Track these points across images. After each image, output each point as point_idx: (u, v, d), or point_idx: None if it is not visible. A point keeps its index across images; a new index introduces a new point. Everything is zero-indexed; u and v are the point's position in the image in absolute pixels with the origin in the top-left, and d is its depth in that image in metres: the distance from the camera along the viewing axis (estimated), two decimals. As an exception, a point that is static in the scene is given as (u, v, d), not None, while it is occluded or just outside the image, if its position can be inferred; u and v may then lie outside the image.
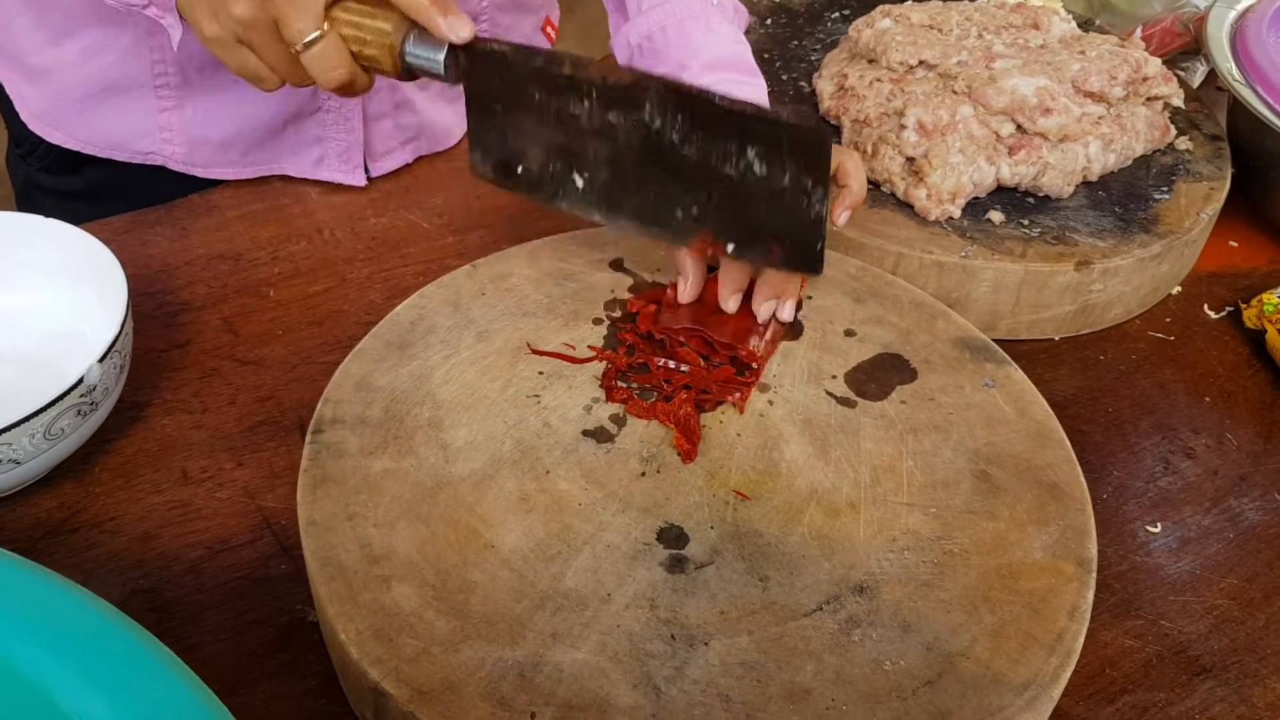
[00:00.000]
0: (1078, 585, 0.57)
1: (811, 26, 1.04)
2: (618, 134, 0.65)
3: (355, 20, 0.65)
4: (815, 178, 0.62)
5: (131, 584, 0.63)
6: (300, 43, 0.64)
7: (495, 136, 0.69)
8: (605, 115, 0.65)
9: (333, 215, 0.88)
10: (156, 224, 0.86)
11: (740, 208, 0.64)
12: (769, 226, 0.64)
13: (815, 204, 0.62)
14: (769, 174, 0.62)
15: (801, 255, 0.64)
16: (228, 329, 0.78)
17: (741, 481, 0.63)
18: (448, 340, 0.70)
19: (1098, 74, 0.85)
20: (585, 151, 0.67)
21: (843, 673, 0.54)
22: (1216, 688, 0.62)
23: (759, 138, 0.62)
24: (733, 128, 0.62)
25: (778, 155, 0.62)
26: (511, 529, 0.60)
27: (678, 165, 0.64)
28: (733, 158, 0.63)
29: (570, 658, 0.54)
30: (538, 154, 0.68)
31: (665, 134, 0.64)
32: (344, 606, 0.55)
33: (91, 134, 0.90)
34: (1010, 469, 0.64)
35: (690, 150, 0.64)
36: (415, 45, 0.66)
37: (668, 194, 0.66)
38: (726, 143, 0.63)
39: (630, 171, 0.66)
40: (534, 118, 0.67)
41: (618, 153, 0.66)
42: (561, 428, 0.65)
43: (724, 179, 0.64)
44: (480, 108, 0.69)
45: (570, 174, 0.68)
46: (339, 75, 0.66)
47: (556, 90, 0.65)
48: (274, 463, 0.70)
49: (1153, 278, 0.84)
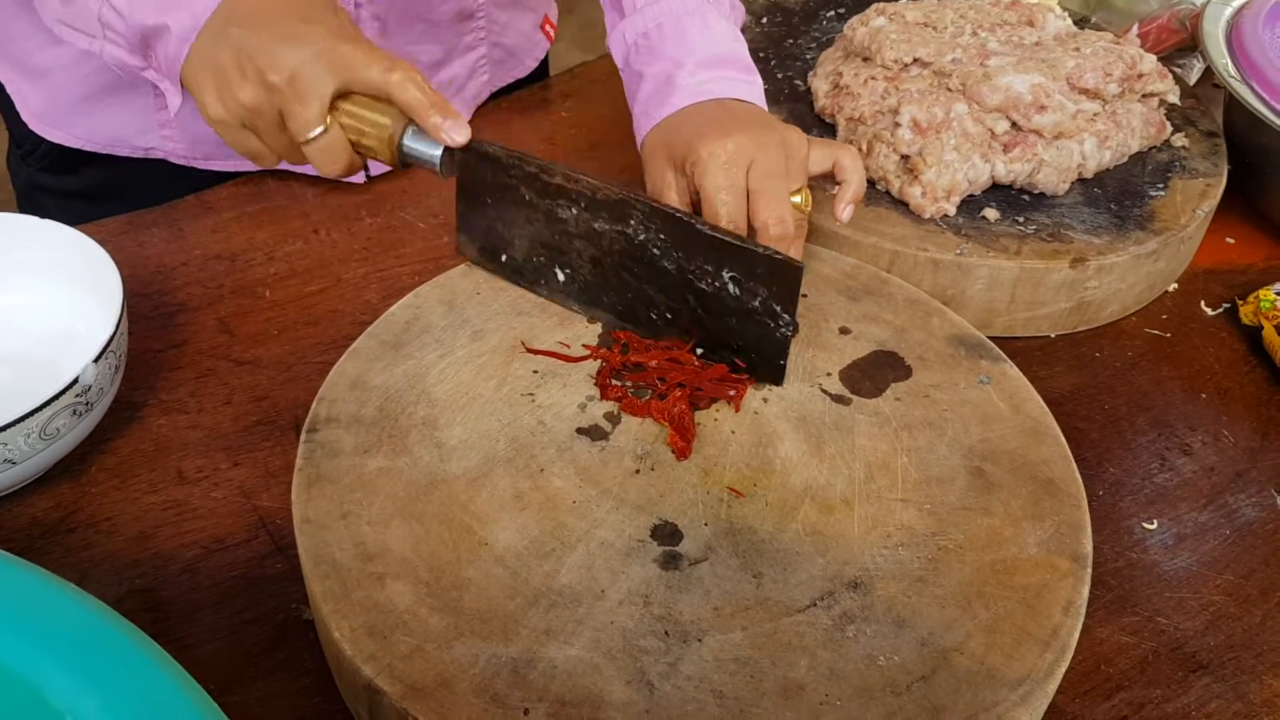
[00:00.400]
0: (1073, 581, 0.57)
1: (806, 25, 1.04)
2: (602, 240, 0.69)
3: (356, 112, 0.68)
4: (785, 304, 0.65)
5: (127, 583, 0.63)
6: (304, 136, 0.67)
7: (483, 224, 0.73)
8: (592, 223, 0.69)
9: (329, 216, 0.88)
10: (153, 225, 0.86)
11: (711, 319, 0.68)
12: (737, 338, 0.68)
13: (783, 327, 0.66)
14: (741, 295, 0.66)
15: (766, 366, 0.68)
16: (223, 329, 0.78)
17: (736, 478, 0.63)
18: (442, 339, 0.70)
19: (1093, 71, 0.85)
20: (569, 250, 0.70)
21: (836, 668, 0.54)
22: (1213, 684, 0.62)
23: (736, 262, 0.66)
24: (712, 250, 0.66)
25: (751, 280, 0.66)
26: (505, 527, 0.60)
27: (657, 273, 0.68)
28: (709, 276, 0.67)
29: (564, 654, 0.54)
30: (523, 246, 0.72)
31: (648, 246, 0.68)
32: (338, 604, 0.55)
33: (92, 132, 0.91)
34: (1005, 465, 0.64)
35: (669, 264, 0.68)
36: (413, 140, 0.69)
37: (644, 297, 0.70)
38: (705, 262, 0.67)
39: (610, 273, 0.70)
40: (522, 214, 0.71)
41: (600, 255, 0.70)
42: (556, 426, 0.65)
43: (699, 292, 0.68)
44: (470, 197, 0.72)
45: (553, 268, 0.72)
46: (338, 166, 0.69)
47: (547, 195, 0.69)
48: (270, 462, 0.70)
49: (1148, 275, 0.84)
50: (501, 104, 1.03)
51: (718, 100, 0.77)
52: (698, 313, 0.68)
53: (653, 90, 0.79)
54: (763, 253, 0.65)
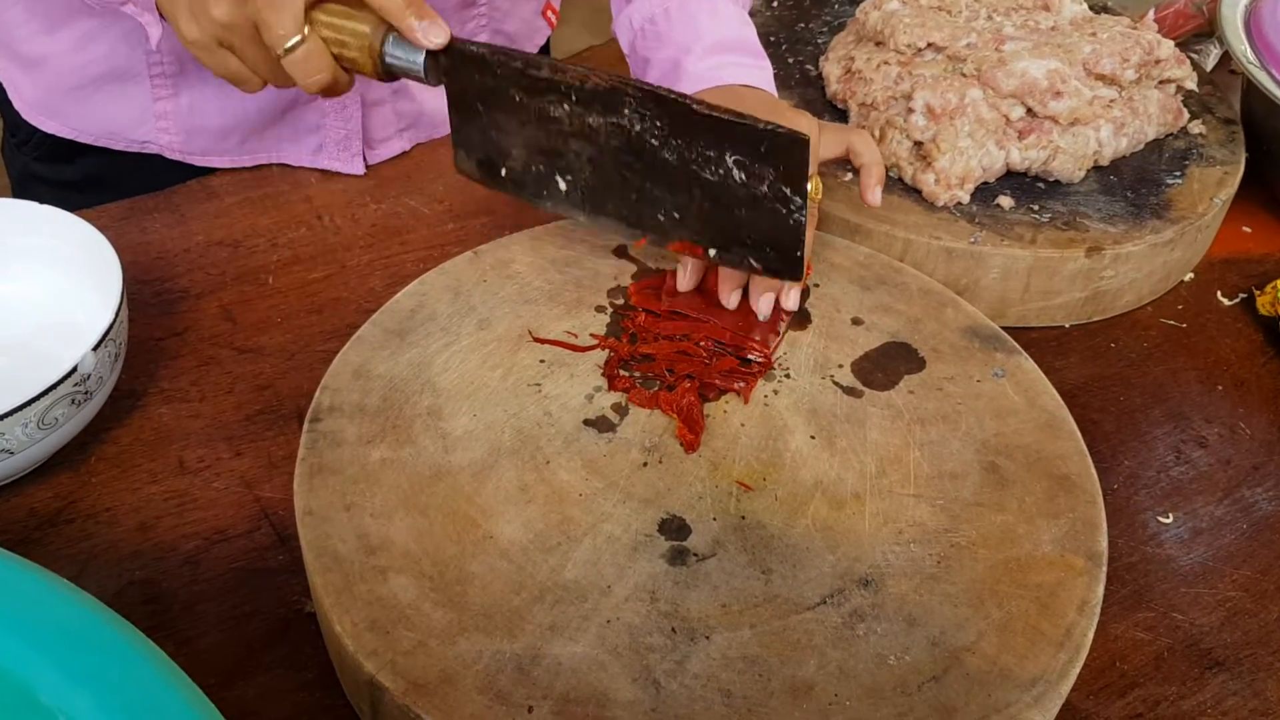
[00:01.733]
0: (1087, 579, 0.56)
1: (818, 9, 1.03)
2: (598, 136, 0.66)
3: (335, 23, 0.65)
4: (794, 185, 0.62)
5: (128, 575, 0.62)
6: (282, 47, 0.64)
7: (478, 136, 0.70)
8: (585, 118, 0.66)
9: (332, 202, 0.87)
10: (154, 211, 0.85)
11: (720, 212, 0.65)
12: (749, 231, 0.65)
13: (794, 211, 0.63)
14: (747, 180, 0.63)
15: (781, 261, 0.65)
16: (226, 317, 0.77)
17: (745, 472, 0.62)
18: (448, 328, 0.69)
19: (1109, 56, 0.83)
20: (567, 153, 0.67)
21: (846, 667, 0.53)
22: (1229, 681, 0.61)
23: (737, 143, 0.62)
24: (711, 133, 0.63)
25: (756, 161, 0.62)
26: (510, 520, 0.59)
27: (658, 168, 0.65)
28: (711, 163, 0.63)
29: (569, 651, 0.53)
30: (520, 154, 0.69)
31: (645, 137, 0.64)
32: (340, 598, 0.54)
33: (86, 123, 0.90)
34: (1019, 460, 0.62)
35: (670, 154, 0.64)
36: (394, 47, 0.66)
37: (649, 196, 0.66)
38: (705, 148, 0.63)
39: (612, 173, 0.67)
40: (515, 119, 0.68)
41: (599, 155, 0.66)
42: (562, 417, 0.64)
43: (704, 183, 0.64)
44: (462, 107, 0.69)
45: (553, 175, 0.69)
46: (321, 79, 0.66)
47: (536, 92, 0.66)
48: (272, 452, 0.69)
49: (1165, 264, 0.82)
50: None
51: (727, 86, 0.75)
52: (705, 208, 0.65)
53: (660, 77, 0.77)
54: (764, 127, 0.61)
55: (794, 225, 0.63)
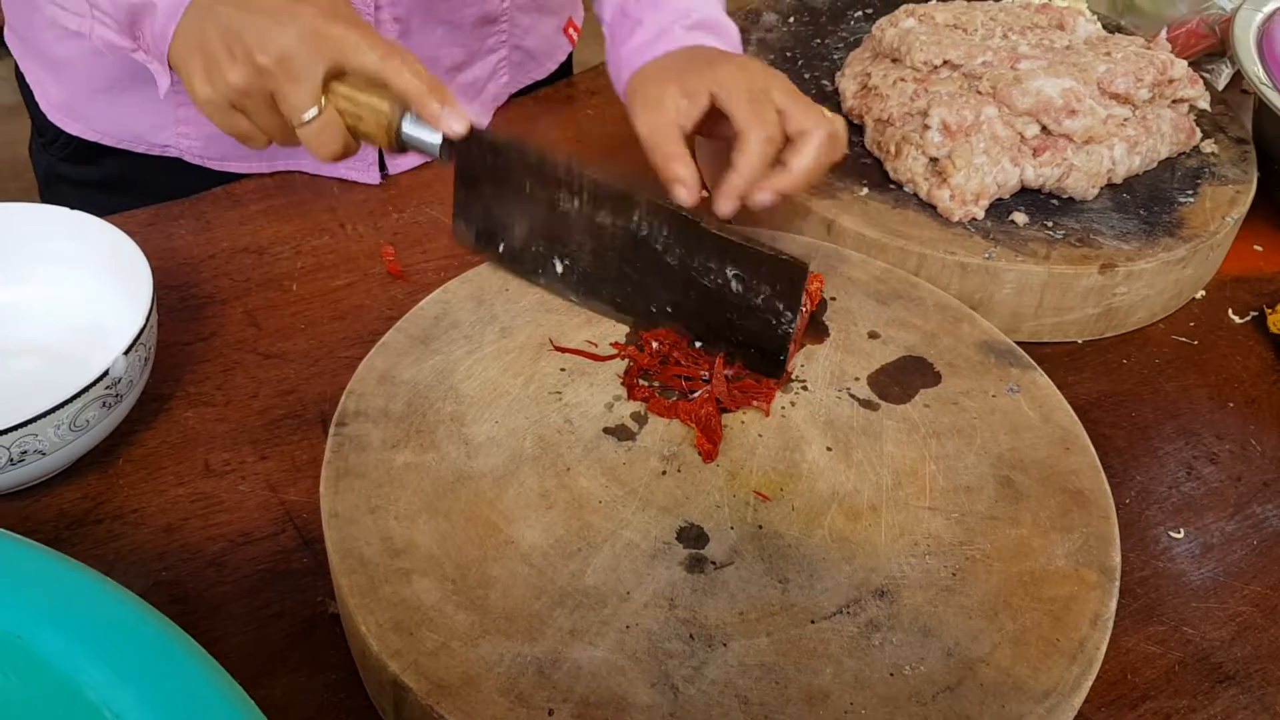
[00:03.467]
0: (1100, 593, 0.57)
1: (834, 25, 1.04)
2: (603, 233, 0.68)
3: (353, 96, 0.66)
4: (788, 302, 0.65)
5: (154, 576, 0.63)
6: (299, 120, 0.65)
7: (480, 211, 0.72)
8: (593, 216, 0.68)
9: (355, 210, 0.88)
10: (180, 217, 0.86)
11: (712, 312, 0.68)
12: (737, 333, 0.68)
13: (784, 324, 0.66)
14: (744, 291, 0.66)
15: (765, 361, 0.68)
16: (251, 322, 0.79)
17: (762, 482, 0.63)
18: (471, 335, 0.70)
19: (1123, 75, 0.84)
20: (569, 241, 0.70)
21: (861, 676, 0.53)
22: (1239, 695, 0.62)
23: (740, 262, 0.66)
24: (716, 249, 0.66)
25: (755, 278, 0.66)
26: (531, 525, 0.60)
27: (658, 268, 0.68)
28: (712, 273, 0.67)
29: (588, 655, 0.54)
30: (521, 234, 0.71)
31: (650, 242, 0.68)
32: (364, 599, 0.55)
33: (109, 125, 0.91)
34: (1034, 475, 0.63)
35: (671, 259, 0.67)
36: (412, 126, 0.68)
37: (644, 289, 0.69)
38: (707, 259, 0.66)
39: (611, 265, 0.69)
40: (522, 203, 0.70)
41: (601, 248, 0.69)
42: (582, 425, 0.65)
43: (701, 287, 0.67)
44: (469, 182, 0.71)
45: (551, 257, 0.71)
46: (333, 149, 0.67)
47: (548, 185, 0.68)
48: (296, 456, 0.70)
49: (1177, 281, 0.83)
50: (526, 101, 1.03)
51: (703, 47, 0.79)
52: (698, 306, 0.68)
53: (651, 36, 0.80)
54: (768, 253, 0.65)
55: (781, 335, 0.67)
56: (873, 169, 0.87)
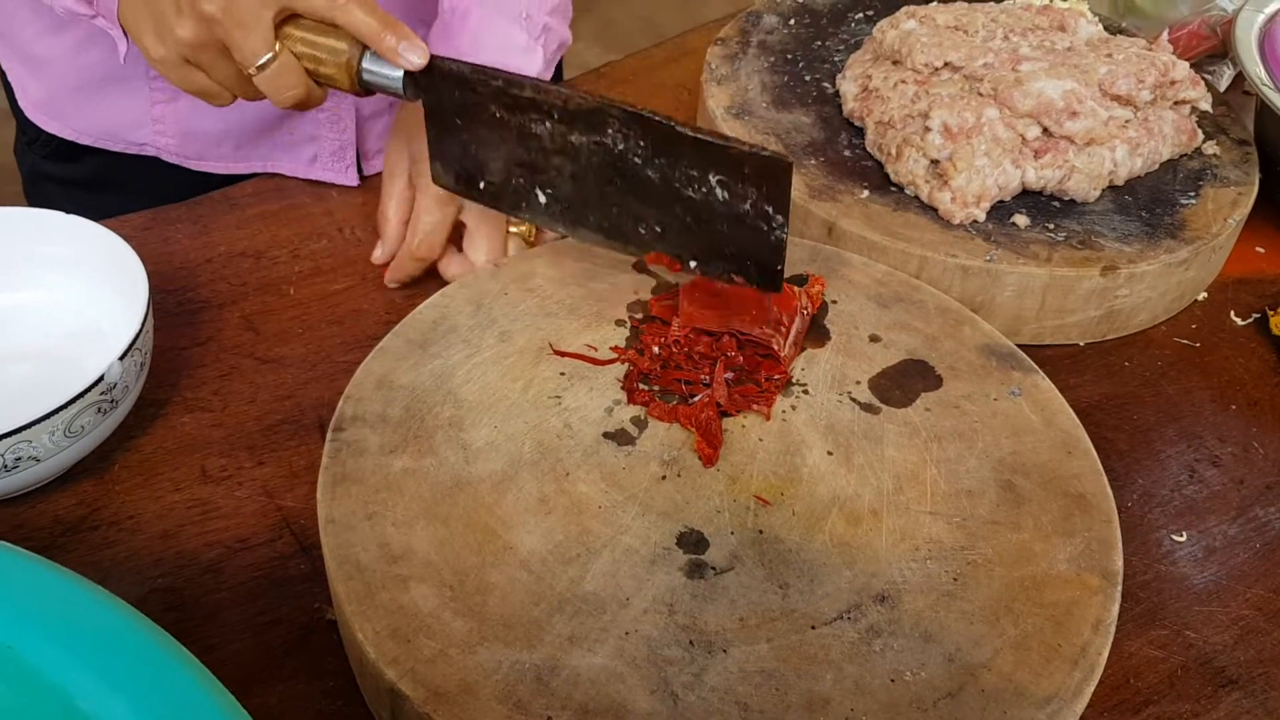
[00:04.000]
0: (1102, 598, 0.57)
1: (835, 27, 1.04)
2: (580, 153, 0.66)
3: (309, 38, 0.65)
4: (777, 205, 0.62)
5: (150, 583, 0.63)
6: (253, 65, 0.64)
7: (456, 149, 0.70)
8: (567, 136, 0.66)
9: (354, 214, 0.88)
10: (177, 221, 0.86)
11: (702, 227, 0.65)
12: (729, 245, 0.65)
13: (776, 229, 0.63)
14: (730, 199, 0.63)
15: (761, 274, 0.65)
16: (248, 327, 0.78)
17: (763, 487, 0.62)
18: (469, 340, 0.70)
19: (1125, 77, 0.84)
20: (547, 168, 0.67)
21: (862, 682, 0.53)
22: (1242, 699, 0.61)
23: (721, 165, 0.62)
24: (695, 154, 0.63)
25: (739, 182, 0.62)
26: (530, 531, 0.59)
27: (640, 184, 0.65)
28: (695, 182, 0.64)
29: (587, 662, 0.53)
30: (499, 168, 0.69)
31: (628, 156, 0.65)
32: (361, 606, 0.55)
33: (87, 124, 0.90)
34: (1035, 479, 0.63)
35: (653, 172, 0.64)
36: (372, 63, 0.66)
37: (630, 211, 0.66)
38: (689, 168, 0.63)
39: (593, 188, 0.67)
40: (495, 134, 0.68)
41: (580, 170, 0.66)
42: (582, 429, 0.65)
43: (686, 200, 0.64)
44: (439, 121, 0.69)
45: (533, 189, 0.69)
46: (294, 94, 0.66)
47: (518, 110, 0.66)
48: (293, 462, 0.69)
49: (1179, 284, 0.83)
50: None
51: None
52: (687, 223, 0.65)
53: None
54: (749, 151, 0.61)
55: (775, 242, 0.63)
56: (874, 171, 0.87)
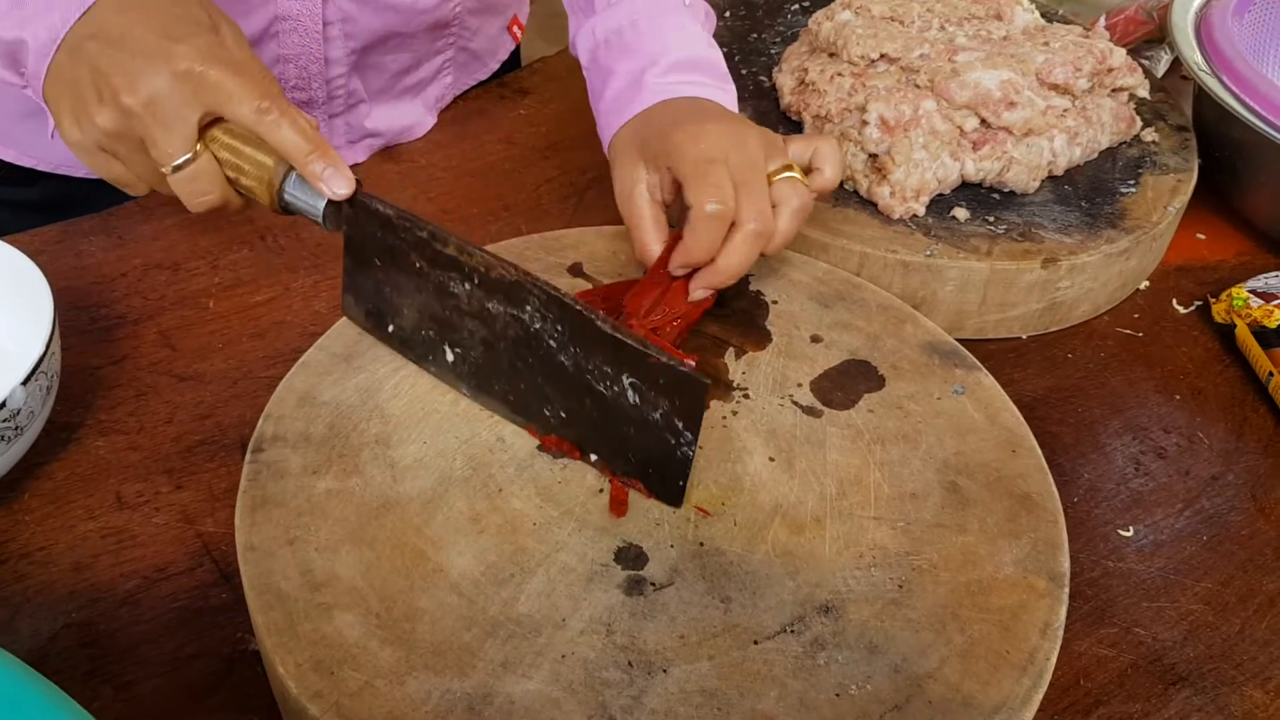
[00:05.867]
0: (1050, 601, 0.55)
1: (771, 19, 1.02)
2: (495, 322, 0.62)
3: (235, 146, 0.61)
4: (688, 421, 0.58)
5: (63, 618, 0.60)
6: (169, 165, 0.61)
7: (370, 287, 0.67)
8: (485, 302, 0.62)
9: (276, 221, 0.85)
10: (90, 233, 0.83)
11: (608, 425, 0.61)
12: (634, 450, 0.61)
13: (684, 445, 0.59)
14: (641, 404, 0.59)
15: (663, 485, 0.60)
16: (165, 343, 0.75)
17: (703, 497, 0.60)
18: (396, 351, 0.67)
19: (1062, 66, 0.83)
20: (460, 327, 0.64)
21: (807, 699, 0.51)
22: (1193, 696, 0.60)
23: (636, 369, 0.59)
24: (611, 352, 0.59)
25: (652, 390, 0.58)
26: (462, 551, 0.57)
27: (552, 368, 0.62)
28: (608, 379, 0.60)
29: (522, 688, 0.51)
30: (411, 316, 0.66)
31: (544, 337, 0.61)
32: (283, 638, 0.52)
33: (42, 151, 0.87)
34: (980, 479, 0.61)
35: (566, 359, 0.61)
36: (295, 186, 0.62)
37: (538, 390, 0.63)
38: (603, 363, 0.60)
39: (503, 359, 0.63)
40: (412, 282, 0.64)
41: (493, 339, 0.63)
42: (515, 443, 0.63)
43: (596, 395, 0.61)
44: (358, 257, 0.66)
45: (442, 344, 0.65)
46: (209, 200, 0.63)
47: (438, 265, 0.63)
48: (214, 485, 0.66)
49: (1120, 273, 0.82)
50: (458, 103, 1.00)
51: (692, 98, 0.74)
52: (594, 417, 0.61)
53: (623, 87, 0.75)
54: (665, 362, 0.57)
55: (680, 457, 0.59)
56: (811, 166, 0.85)
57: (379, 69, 0.90)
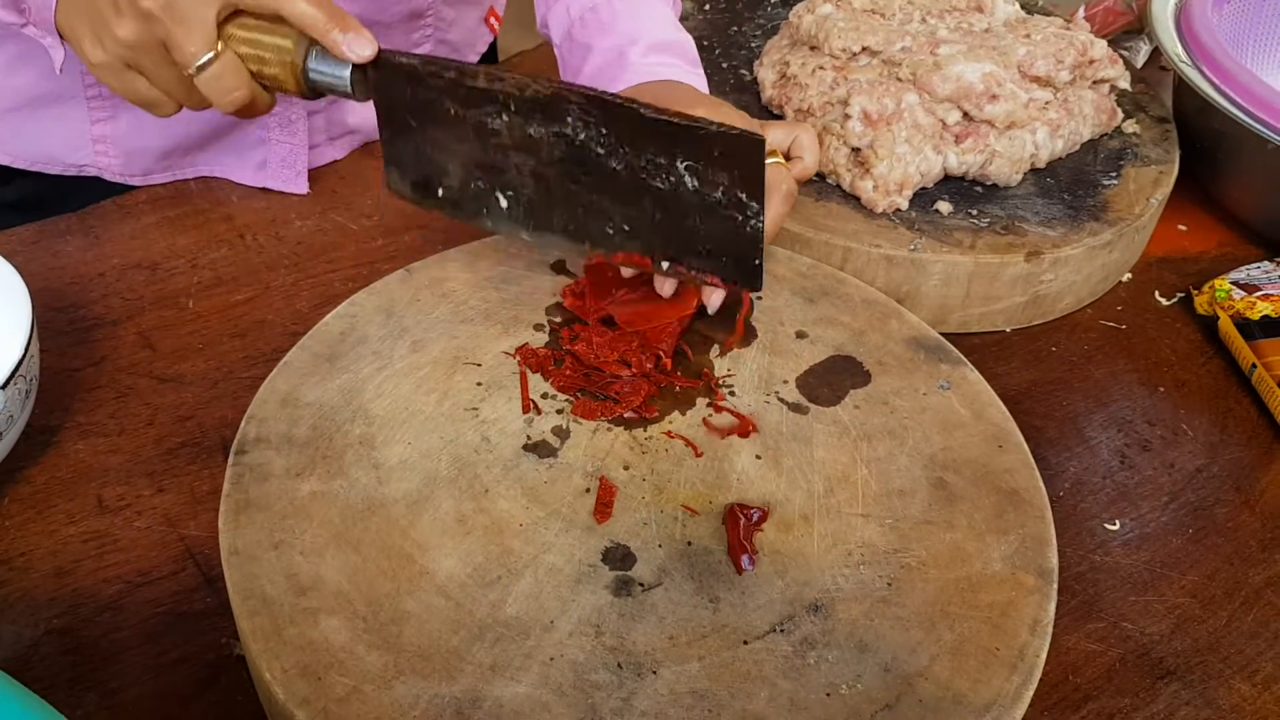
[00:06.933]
0: (1039, 597, 0.55)
1: (751, 11, 1.01)
2: (540, 148, 0.62)
3: (253, 38, 0.62)
4: (750, 190, 0.58)
5: (45, 624, 0.59)
6: (193, 65, 0.61)
7: (411, 153, 0.66)
8: (525, 129, 0.62)
9: (255, 219, 0.84)
10: (68, 233, 0.81)
11: (673, 222, 0.61)
12: (704, 241, 0.61)
13: (751, 217, 0.59)
14: (701, 186, 0.59)
15: (739, 270, 0.61)
16: (144, 344, 0.74)
17: (690, 496, 0.60)
18: (380, 351, 0.67)
19: (1044, 58, 0.83)
20: (507, 167, 0.63)
21: (797, 699, 0.51)
22: (1181, 690, 0.61)
23: (689, 148, 0.58)
24: (661, 138, 0.59)
25: (709, 167, 0.58)
26: (448, 553, 0.56)
27: (605, 178, 0.61)
28: (663, 171, 0.59)
29: (510, 692, 0.51)
30: (457, 171, 0.65)
31: (590, 147, 0.61)
32: (269, 643, 0.52)
33: (21, 147, 0.86)
34: (967, 475, 0.61)
35: (617, 163, 0.60)
36: (318, 62, 0.63)
37: (596, 208, 0.62)
38: (655, 155, 0.59)
39: (556, 186, 0.63)
40: (451, 133, 0.64)
41: (541, 167, 0.62)
42: (501, 442, 0.62)
43: (654, 192, 0.60)
44: (393, 122, 0.65)
45: (493, 192, 0.65)
46: (238, 97, 0.63)
47: (472, 103, 0.62)
48: (196, 487, 0.66)
49: (1103, 266, 0.82)
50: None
51: (671, 82, 0.74)
52: (657, 218, 0.61)
53: (603, 65, 0.75)
54: (716, 130, 0.57)
55: (751, 232, 0.59)
56: (794, 160, 0.85)
57: None
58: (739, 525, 0.57)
